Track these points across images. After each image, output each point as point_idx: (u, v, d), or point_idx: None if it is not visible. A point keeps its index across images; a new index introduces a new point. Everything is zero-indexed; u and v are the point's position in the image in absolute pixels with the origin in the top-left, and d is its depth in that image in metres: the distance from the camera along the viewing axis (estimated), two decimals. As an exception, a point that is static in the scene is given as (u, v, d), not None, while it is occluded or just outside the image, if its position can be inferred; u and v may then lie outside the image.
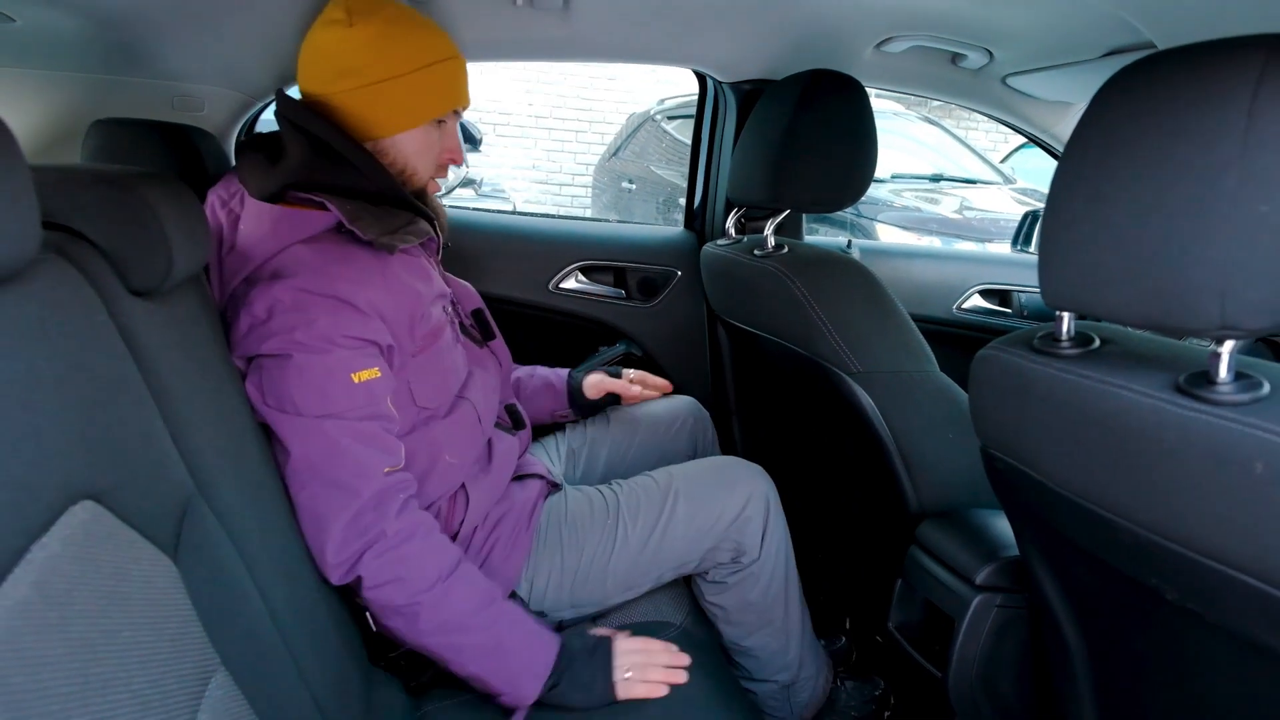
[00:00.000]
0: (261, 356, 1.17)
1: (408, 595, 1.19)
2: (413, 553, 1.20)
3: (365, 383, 1.19)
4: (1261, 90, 0.68)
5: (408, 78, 1.30)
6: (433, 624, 1.21)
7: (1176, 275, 0.72)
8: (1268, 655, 0.79)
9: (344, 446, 1.17)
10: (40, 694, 0.59)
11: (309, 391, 1.16)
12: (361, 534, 1.17)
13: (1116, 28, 1.45)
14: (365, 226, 1.23)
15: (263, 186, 1.27)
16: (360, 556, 1.17)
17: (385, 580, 1.18)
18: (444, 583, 1.21)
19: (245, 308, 1.19)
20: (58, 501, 0.68)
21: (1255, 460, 0.69)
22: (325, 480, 1.16)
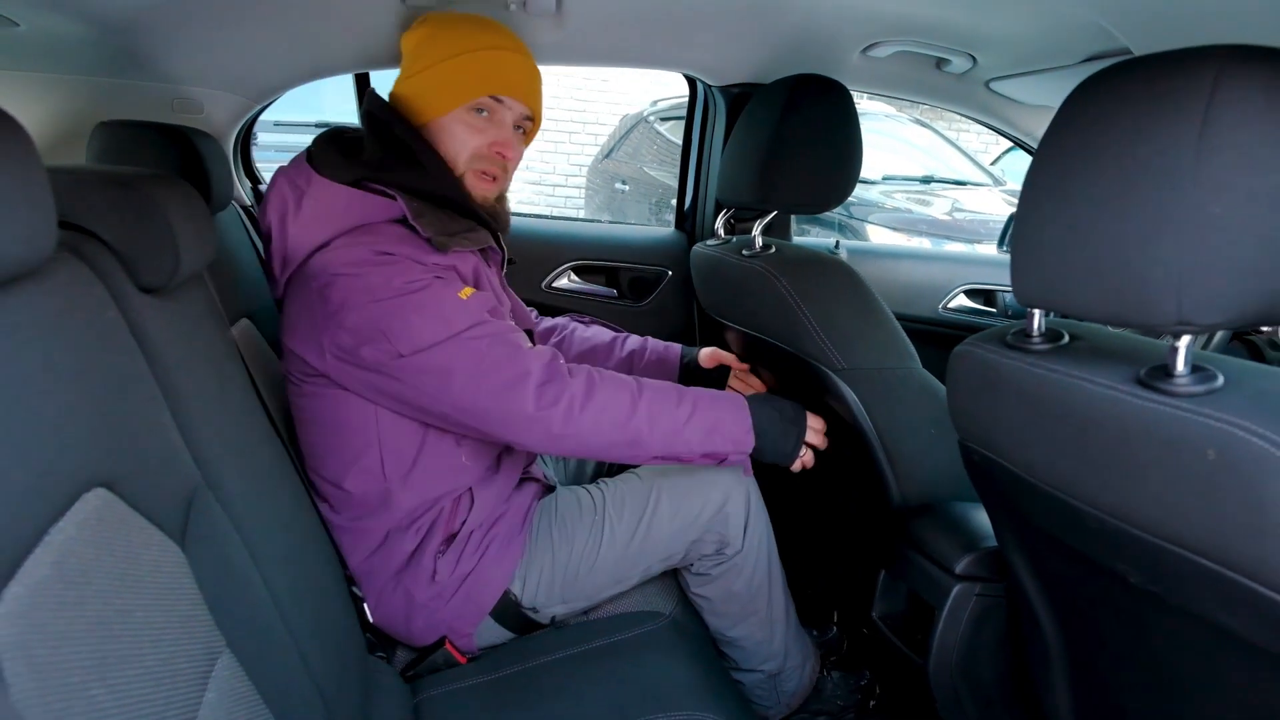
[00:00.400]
0: (376, 321, 1.26)
1: (625, 429, 1.34)
2: (606, 395, 1.34)
3: (471, 298, 1.32)
4: (1215, 99, 0.72)
5: (445, 63, 1.40)
6: (658, 436, 1.36)
7: (1136, 273, 0.76)
8: (1226, 636, 0.83)
9: (486, 349, 1.29)
10: (61, 666, 0.62)
11: (434, 321, 1.27)
12: (556, 401, 1.30)
13: (1095, 34, 1.49)
14: (425, 224, 1.32)
15: (340, 174, 1.36)
16: (571, 418, 1.30)
17: (601, 427, 1.33)
18: (640, 399, 1.36)
19: (335, 278, 1.28)
20: (73, 488, 0.72)
21: (1208, 447, 0.73)
22: (494, 383, 1.28)
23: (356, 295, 1.27)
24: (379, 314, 1.26)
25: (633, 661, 1.38)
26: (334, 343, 1.29)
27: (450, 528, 1.43)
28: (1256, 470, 0.70)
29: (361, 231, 1.32)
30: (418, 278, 1.28)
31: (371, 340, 1.27)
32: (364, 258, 1.28)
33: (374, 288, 1.26)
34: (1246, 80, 0.71)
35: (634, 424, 1.34)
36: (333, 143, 1.43)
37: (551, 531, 1.50)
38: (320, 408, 1.37)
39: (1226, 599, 0.78)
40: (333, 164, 1.38)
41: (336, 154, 1.40)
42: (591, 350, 1.81)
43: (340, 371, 1.32)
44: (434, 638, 1.44)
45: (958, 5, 1.54)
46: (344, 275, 1.27)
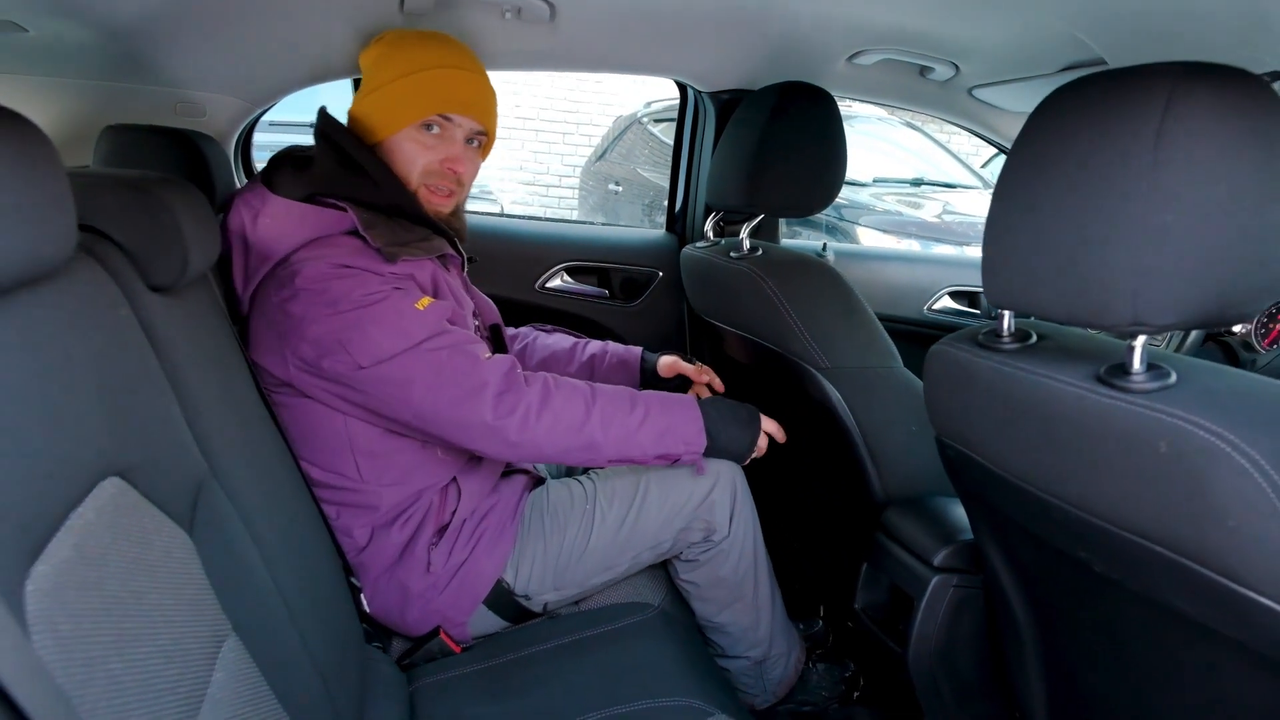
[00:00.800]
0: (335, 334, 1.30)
1: (579, 435, 1.38)
2: (558, 402, 1.38)
3: (429, 308, 1.35)
4: (1168, 114, 0.77)
5: (395, 83, 1.43)
6: (611, 442, 1.40)
7: (1094, 277, 0.81)
8: (1183, 622, 0.88)
9: (444, 360, 1.33)
10: (83, 640, 0.66)
11: (392, 333, 1.31)
12: (512, 410, 1.34)
13: (1071, 45, 1.54)
14: (376, 235, 1.36)
15: (291, 190, 1.40)
16: (526, 427, 1.34)
17: (556, 433, 1.37)
18: (594, 406, 1.40)
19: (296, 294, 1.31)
20: (91, 476, 0.76)
21: (1160, 440, 0.78)
22: (451, 394, 1.32)
23: (317, 309, 1.30)
24: (338, 326, 1.30)
25: (622, 650, 1.43)
26: (296, 355, 1.33)
27: (441, 519, 1.48)
28: (1202, 461, 0.75)
29: (319, 244, 1.36)
30: (376, 290, 1.32)
31: (332, 352, 1.31)
32: (324, 272, 1.32)
33: (334, 300, 1.30)
34: (1198, 97, 0.76)
35: (588, 430, 1.38)
36: (285, 162, 1.47)
37: (543, 521, 1.55)
38: (292, 417, 1.41)
39: (1177, 583, 0.83)
40: (286, 181, 1.42)
41: (289, 171, 1.44)
42: (552, 356, 1.85)
43: (304, 382, 1.36)
44: (429, 627, 1.49)
45: (940, 16, 1.59)
46: (305, 290, 1.31)
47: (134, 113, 1.67)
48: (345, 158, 1.41)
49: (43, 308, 0.75)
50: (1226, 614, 0.80)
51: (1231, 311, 0.80)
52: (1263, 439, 0.73)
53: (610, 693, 1.31)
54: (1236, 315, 0.81)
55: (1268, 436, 0.73)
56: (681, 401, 1.46)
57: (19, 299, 0.71)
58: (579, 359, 1.84)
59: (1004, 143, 2.27)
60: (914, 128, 6.20)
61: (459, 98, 1.47)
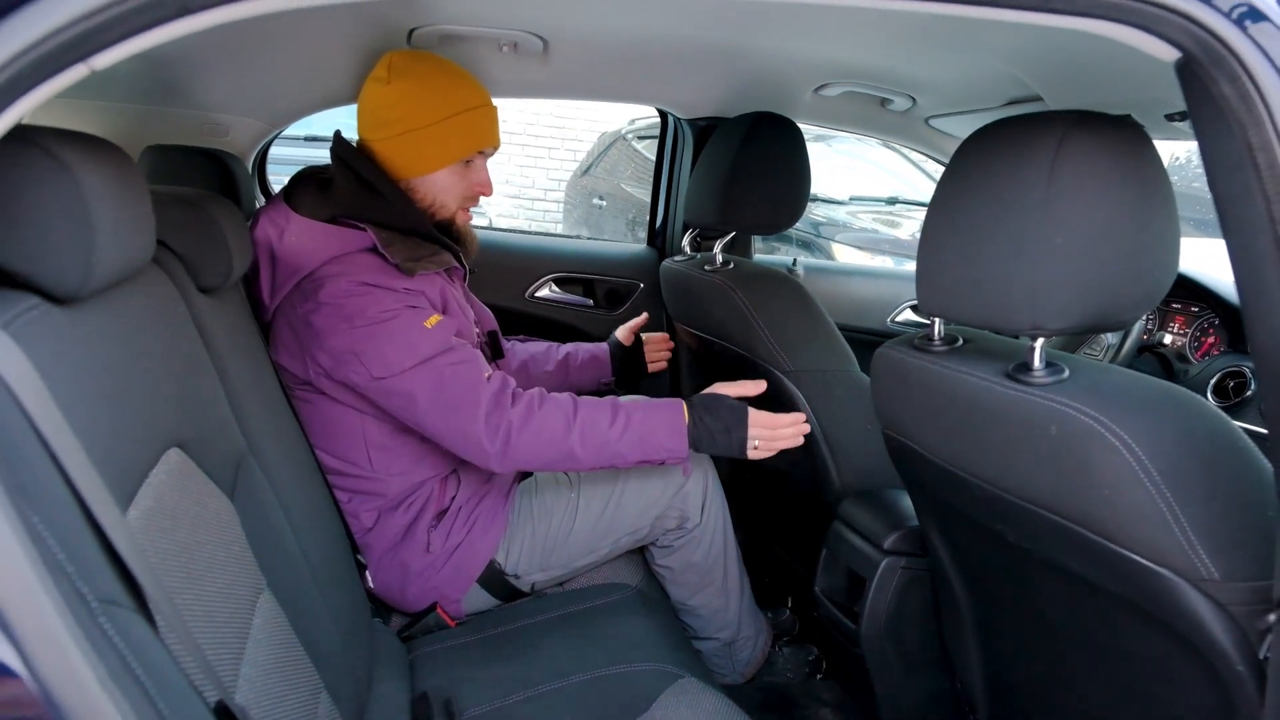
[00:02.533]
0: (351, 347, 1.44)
1: (559, 448, 1.48)
2: (541, 419, 1.48)
3: (436, 325, 1.48)
4: (1060, 154, 0.92)
5: (433, 128, 1.54)
6: (590, 454, 1.50)
7: (1001, 289, 0.97)
8: (1082, 582, 1.03)
9: (448, 375, 1.46)
10: (165, 573, 0.81)
11: (403, 349, 1.44)
12: (497, 429, 1.45)
13: (1012, 83, 1.72)
14: (394, 252, 1.50)
15: (315, 211, 1.54)
16: (508, 443, 1.45)
17: (537, 448, 1.48)
18: (575, 421, 1.49)
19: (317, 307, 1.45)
20: (162, 444, 0.91)
21: (1051, 424, 0.94)
22: (450, 406, 1.45)
23: (335, 322, 1.44)
24: (355, 340, 1.44)
25: (603, 623, 1.58)
26: (315, 362, 1.48)
27: (441, 504, 1.63)
28: (1084, 441, 0.90)
29: (341, 261, 1.49)
30: (390, 308, 1.45)
31: (347, 363, 1.45)
32: (345, 289, 1.45)
33: (351, 316, 1.44)
34: (1084, 140, 0.92)
35: (568, 444, 1.48)
36: (308, 183, 1.61)
37: (532, 507, 1.70)
38: (312, 411, 1.56)
39: (1069, 546, 0.98)
40: (309, 203, 1.55)
41: (312, 193, 1.58)
42: (530, 359, 2.01)
43: (323, 385, 1.51)
44: (426, 603, 1.63)
45: (895, 54, 1.76)
46: (326, 304, 1.45)
47: (165, 132, 1.81)
48: (364, 183, 1.54)
49: (128, 304, 0.90)
50: (1108, 571, 0.96)
51: (1113, 318, 0.96)
52: (1131, 422, 0.88)
53: (592, 659, 1.45)
54: (1118, 321, 0.98)
55: (1136, 420, 0.88)
56: (667, 408, 1.53)
57: (113, 296, 0.87)
58: (554, 357, 2.00)
59: (960, 168, 2.43)
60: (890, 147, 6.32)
61: (490, 134, 1.62)
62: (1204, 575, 0.86)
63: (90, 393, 0.78)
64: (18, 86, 0.60)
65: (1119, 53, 0.80)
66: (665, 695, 1.33)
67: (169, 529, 0.85)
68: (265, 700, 0.93)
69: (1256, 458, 0.90)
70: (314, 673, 1.08)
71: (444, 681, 1.44)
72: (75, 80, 0.63)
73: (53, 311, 0.76)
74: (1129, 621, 1.01)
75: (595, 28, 1.71)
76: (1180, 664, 0.96)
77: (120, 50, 0.63)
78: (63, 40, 0.60)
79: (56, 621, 0.56)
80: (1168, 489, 0.86)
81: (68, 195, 0.75)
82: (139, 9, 0.61)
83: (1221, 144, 0.76)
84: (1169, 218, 0.95)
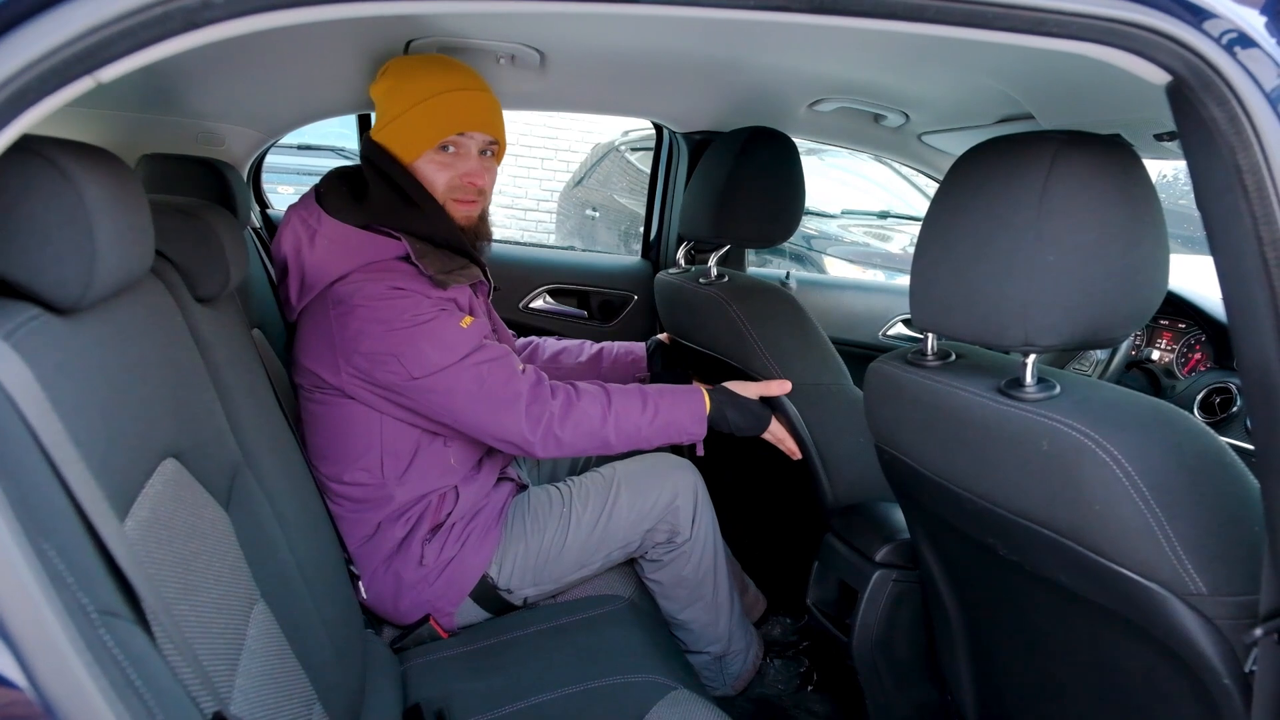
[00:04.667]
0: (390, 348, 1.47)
1: (595, 435, 1.57)
2: (580, 410, 1.56)
3: (470, 325, 1.53)
4: (1052, 173, 0.94)
5: (409, 112, 1.56)
6: (623, 440, 1.60)
7: (994, 306, 0.98)
8: (1071, 596, 1.04)
9: (485, 372, 1.51)
10: (161, 583, 0.82)
11: (441, 348, 1.49)
12: (538, 419, 1.53)
13: (1004, 101, 1.74)
14: (427, 263, 1.52)
15: (350, 216, 1.56)
16: (550, 433, 1.53)
17: (577, 436, 1.56)
18: (610, 411, 1.58)
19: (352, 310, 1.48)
20: (158, 455, 0.91)
21: (1042, 440, 0.95)
22: (490, 402, 1.51)
23: (372, 325, 1.47)
24: (393, 342, 1.47)
25: (595, 635, 1.58)
26: (350, 365, 1.50)
27: (436, 519, 1.63)
28: (1074, 456, 0.91)
29: (374, 268, 1.51)
30: (425, 310, 1.49)
31: (385, 364, 1.48)
32: (380, 292, 1.48)
33: (389, 319, 1.47)
34: (1075, 161, 0.93)
35: (604, 433, 1.57)
36: (341, 183, 1.61)
37: (525, 522, 1.70)
38: (329, 414, 1.57)
39: (1059, 560, 0.99)
40: (343, 207, 1.57)
41: (346, 197, 1.59)
42: (563, 350, 2.05)
43: (355, 388, 1.52)
44: (419, 615, 1.63)
45: (888, 72, 1.78)
46: (361, 306, 1.47)
47: (161, 141, 1.82)
48: (399, 191, 1.56)
49: (126, 314, 0.91)
50: (1097, 585, 0.97)
51: (1105, 334, 0.97)
52: (1121, 438, 0.89)
53: (584, 671, 1.46)
54: (1109, 338, 0.99)
55: (1126, 436, 0.90)
56: (689, 398, 1.64)
57: (111, 306, 0.87)
58: (588, 352, 2.05)
59: (952, 184, 2.45)
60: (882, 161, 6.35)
61: (468, 116, 1.60)
62: (1192, 590, 0.87)
63: (89, 403, 0.79)
64: (25, 99, 0.61)
65: (1110, 74, 0.81)
66: (658, 707, 1.34)
67: (165, 539, 0.86)
68: (260, 711, 0.93)
69: (1244, 474, 0.91)
70: (307, 684, 1.08)
71: (436, 693, 1.44)
72: (81, 93, 0.64)
73: (53, 322, 0.76)
74: (1118, 635, 1.02)
75: (592, 42, 1.73)
76: (1168, 677, 0.97)
77: (127, 63, 0.64)
78: (70, 54, 0.61)
79: (58, 632, 0.56)
80: (1156, 504, 0.87)
81: (69, 206, 0.75)
82: (146, 23, 0.62)
83: (1211, 165, 0.77)
84: (1159, 237, 0.96)
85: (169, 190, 1.61)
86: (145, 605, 0.68)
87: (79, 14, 0.61)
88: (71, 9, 0.60)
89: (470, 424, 1.53)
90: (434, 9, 0.85)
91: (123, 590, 0.67)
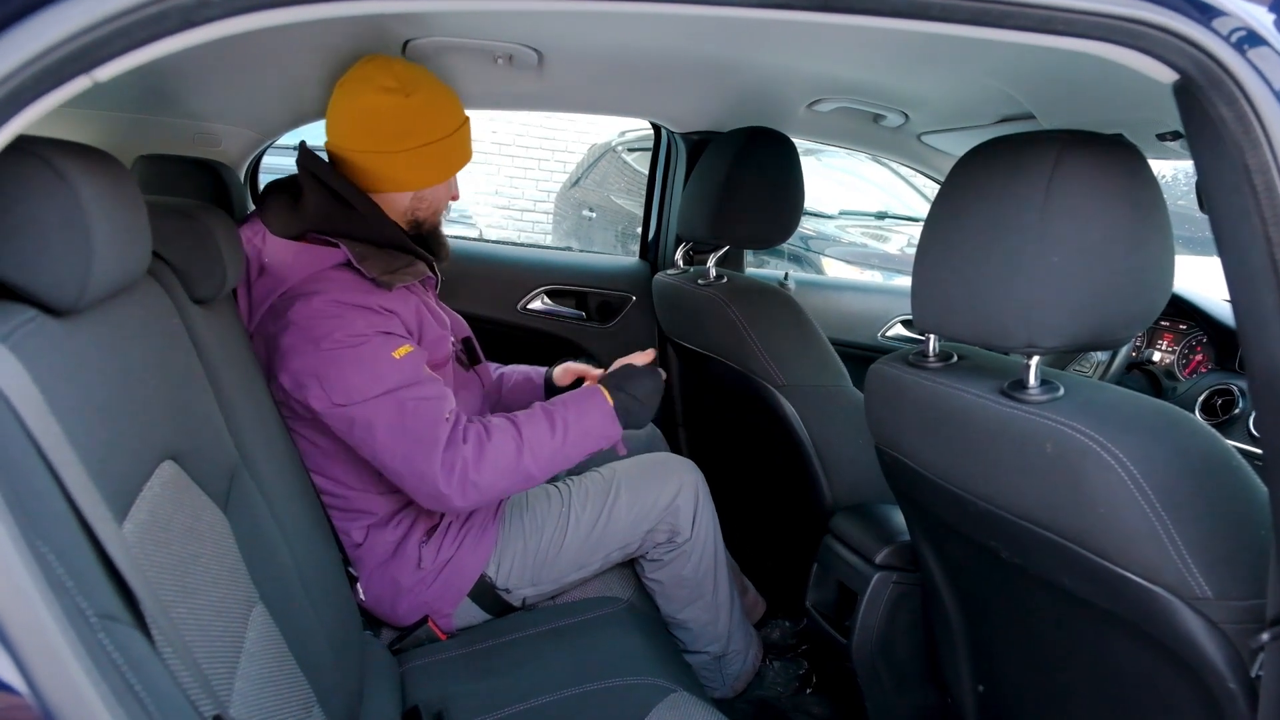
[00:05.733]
0: (314, 369, 1.40)
1: (514, 472, 1.47)
2: (492, 450, 1.46)
3: (405, 357, 1.44)
4: (1056, 173, 0.93)
5: (430, 148, 1.54)
6: (543, 467, 1.50)
7: (997, 307, 0.97)
8: (1074, 600, 1.04)
9: (411, 409, 1.41)
10: (160, 587, 0.81)
11: (366, 377, 1.40)
12: (452, 467, 1.42)
13: (1004, 100, 1.73)
14: (370, 266, 1.47)
15: (286, 228, 1.52)
16: (466, 480, 1.42)
17: (494, 478, 1.45)
18: (522, 442, 1.48)
19: (286, 326, 1.42)
20: (156, 457, 0.91)
21: (1046, 442, 0.94)
22: (410, 439, 1.41)
23: (302, 344, 1.41)
24: (319, 362, 1.40)
25: (594, 637, 1.58)
26: (277, 383, 1.45)
27: (431, 520, 1.62)
28: (1078, 458, 0.91)
29: (314, 280, 1.45)
30: (361, 332, 1.41)
31: (308, 387, 1.41)
32: (316, 308, 1.42)
33: (319, 338, 1.40)
34: (1079, 160, 0.93)
35: (522, 466, 1.47)
36: (277, 196, 1.58)
37: (523, 521, 1.69)
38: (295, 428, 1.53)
39: (1062, 563, 0.99)
40: (281, 219, 1.53)
41: (283, 208, 1.55)
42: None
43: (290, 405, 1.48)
44: (417, 617, 1.62)
45: (887, 71, 1.77)
46: (294, 324, 1.42)
47: (157, 142, 1.81)
48: (335, 196, 1.52)
49: (123, 315, 0.90)
50: (1101, 588, 0.96)
51: (1109, 336, 0.97)
52: (1126, 440, 0.89)
53: (583, 673, 1.45)
54: (1113, 340, 0.99)
55: (1131, 439, 0.89)
56: (592, 402, 1.56)
57: (108, 307, 0.86)
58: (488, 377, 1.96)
59: (950, 184, 2.45)
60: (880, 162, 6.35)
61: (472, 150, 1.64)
62: (1197, 593, 0.87)
63: (86, 405, 0.78)
64: (20, 98, 0.60)
65: (1113, 72, 0.81)
66: (657, 709, 1.33)
67: (163, 542, 0.85)
68: (258, 714, 0.93)
69: (1249, 477, 0.91)
70: (306, 686, 1.07)
71: (435, 694, 1.43)
72: (77, 92, 0.63)
73: (49, 323, 0.75)
74: (1122, 638, 1.02)
75: (590, 42, 1.72)
76: (1173, 681, 0.96)
77: (123, 62, 0.63)
78: (66, 52, 0.60)
79: (58, 638, 0.56)
80: (1161, 507, 0.87)
81: (66, 207, 0.74)
82: (143, 21, 0.61)
83: (1219, 166, 0.76)
84: (1164, 238, 0.96)
85: (165, 191, 1.61)
86: (144, 608, 0.67)
87: (75, 12, 0.60)
88: (68, 7, 0.60)
89: (387, 464, 1.43)
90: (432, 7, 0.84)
91: (121, 594, 0.66)
